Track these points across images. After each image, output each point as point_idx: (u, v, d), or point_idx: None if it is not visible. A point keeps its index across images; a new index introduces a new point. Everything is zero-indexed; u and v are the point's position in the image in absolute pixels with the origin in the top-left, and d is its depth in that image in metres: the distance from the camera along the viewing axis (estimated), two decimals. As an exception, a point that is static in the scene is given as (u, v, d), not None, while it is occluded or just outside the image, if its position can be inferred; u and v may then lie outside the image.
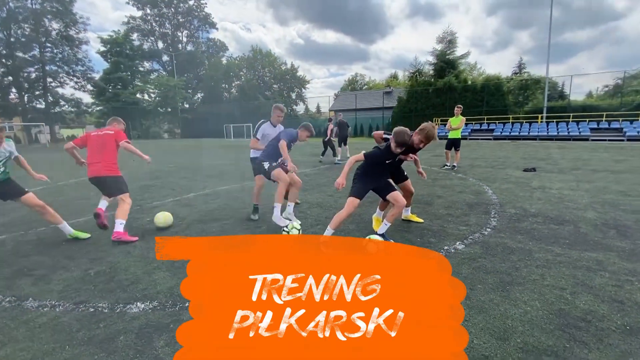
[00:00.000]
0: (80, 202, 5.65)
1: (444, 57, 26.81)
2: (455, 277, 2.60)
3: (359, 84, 65.21)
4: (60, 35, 34.55)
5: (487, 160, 10.13)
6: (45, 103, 35.30)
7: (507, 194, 5.44)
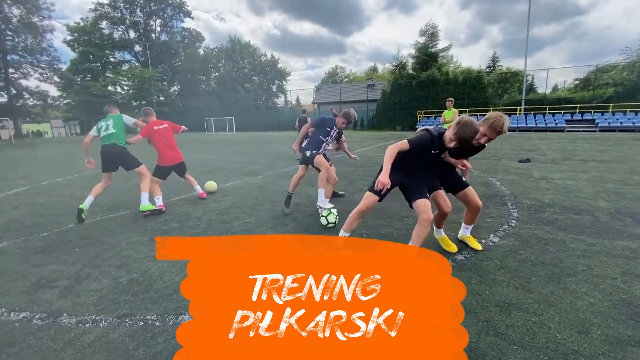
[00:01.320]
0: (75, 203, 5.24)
1: (426, 50, 27.16)
2: (506, 270, 2.63)
3: (339, 76, 65.13)
4: (22, 23, 31.88)
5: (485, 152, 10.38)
6: (8, 96, 32.63)
7: (514, 185, 5.58)
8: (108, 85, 38.67)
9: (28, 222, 4.26)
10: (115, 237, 3.65)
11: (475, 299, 2.21)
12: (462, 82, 25.59)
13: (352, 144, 14.85)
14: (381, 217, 4.05)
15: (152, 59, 42.99)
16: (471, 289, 2.33)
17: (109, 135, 4.32)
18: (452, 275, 2.50)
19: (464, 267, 2.67)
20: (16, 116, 32.82)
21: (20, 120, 36.70)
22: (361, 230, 3.59)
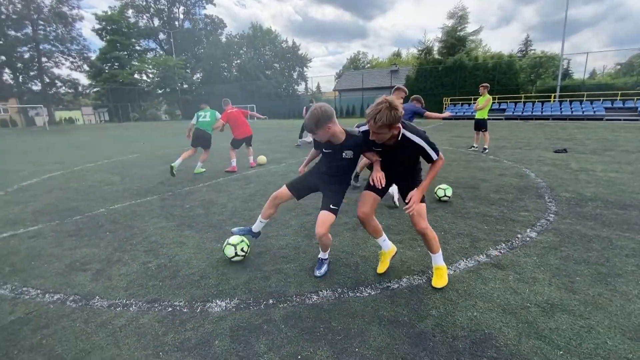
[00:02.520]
0: (106, 188, 5.42)
1: (454, 33, 25.88)
2: (546, 268, 2.46)
3: (361, 62, 63.62)
4: (53, 12, 33.06)
5: (510, 141, 9.88)
6: (42, 84, 34.27)
7: (551, 176, 5.24)
8: (134, 73, 39.69)
9: (62, 206, 4.44)
10: (143, 222, 3.72)
11: (514, 297, 2.07)
12: (492, 67, 24.29)
13: (374, 132, 14.54)
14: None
15: (176, 46, 43.61)
16: (509, 287, 2.19)
17: (205, 122, 6.31)
18: (486, 270, 2.38)
19: (500, 262, 2.52)
20: (49, 104, 34.47)
21: (53, 107, 38.56)
22: (388, 221, 3.48)
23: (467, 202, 4.09)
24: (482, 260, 2.58)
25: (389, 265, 2.51)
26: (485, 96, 7.99)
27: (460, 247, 2.82)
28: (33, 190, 5.48)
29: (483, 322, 1.86)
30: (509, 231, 3.13)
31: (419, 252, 2.75)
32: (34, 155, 10.10)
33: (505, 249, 2.75)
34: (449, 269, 2.45)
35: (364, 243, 2.95)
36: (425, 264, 2.53)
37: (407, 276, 2.38)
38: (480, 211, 3.73)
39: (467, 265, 2.51)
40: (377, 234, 2.43)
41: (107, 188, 5.41)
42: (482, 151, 7.97)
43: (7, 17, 30.75)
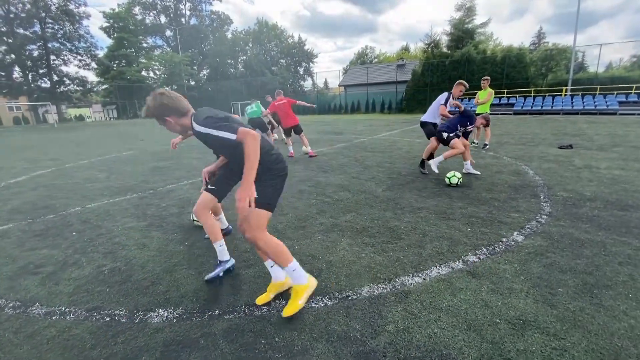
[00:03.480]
0: (89, 185, 5.34)
1: (462, 26, 25.20)
2: (527, 277, 2.23)
3: (368, 57, 62.84)
4: (60, 10, 33.45)
5: (514, 137, 9.49)
6: (50, 82, 34.81)
7: (551, 174, 4.94)
8: (141, 70, 40.00)
9: (39, 204, 4.36)
10: (114, 221, 3.60)
11: (483, 312, 1.85)
12: (501, 60, 23.55)
13: (376, 128, 14.27)
14: (390, 208, 3.69)
15: (183, 43, 43.76)
16: (480, 298, 1.97)
17: (253, 112, 7.95)
18: (459, 279, 2.16)
19: (477, 270, 2.30)
20: (58, 101, 35.03)
21: (66, 104, 39.14)
22: (365, 222, 3.27)
23: (455, 201, 3.84)
24: (457, 267, 2.36)
25: (353, 272, 2.31)
26: (486, 90, 7.65)
27: (436, 251, 2.60)
28: (18, 187, 5.44)
29: (443, 341, 1.65)
30: (494, 234, 2.89)
31: (389, 257, 2.54)
32: (33, 152, 10.17)
33: (485, 255, 2.52)
34: (418, 276, 2.24)
35: (334, 246, 2.76)
36: (394, 271, 2.33)
37: (371, 284, 2.18)
38: (468, 212, 3.48)
39: (440, 272, 2.29)
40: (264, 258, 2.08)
41: (90, 185, 5.33)
42: (483, 147, 7.65)
43: (16, 16, 31.24)
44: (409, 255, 2.55)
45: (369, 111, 30.42)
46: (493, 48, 27.78)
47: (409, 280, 2.20)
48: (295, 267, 1.88)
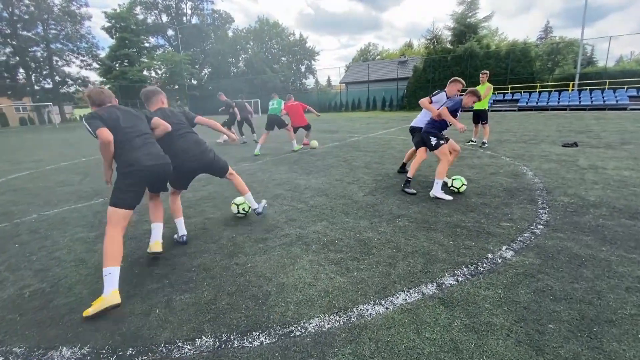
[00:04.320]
0: (59, 189, 5.05)
1: (464, 20, 24.51)
2: (511, 307, 1.84)
3: (371, 54, 62.10)
4: (62, 11, 33.48)
5: (515, 134, 9.01)
6: (53, 82, 34.90)
7: (552, 176, 4.51)
8: (143, 70, 39.88)
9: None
10: (64, 231, 3.29)
11: (450, 358, 1.48)
12: (505, 55, 22.84)
13: (373, 126, 13.84)
14: (367, 216, 3.31)
15: (184, 42, 43.58)
16: (448, 339, 1.59)
17: (273, 109, 7.83)
18: (428, 309, 1.80)
19: (452, 297, 1.92)
20: (61, 101, 35.10)
21: (72, 105, 39.12)
22: (335, 234, 2.91)
23: (441, 207, 3.46)
24: (428, 292, 1.99)
25: (305, 299, 1.96)
26: (485, 84, 7.20)
27: (408, 271, 2.23)
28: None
29: (392, 402, 1.28)
30: (479, 249, 2.51)
31: (352, 279, 2.17)
32: (21, 154, 9.96)
33: (464, 276, 2.15)
34: (380, 305, 1.87)
35: (293, 264, 2.40)
36: (353, 298, 1.96)
37: (322, 315, 1.82)
38: (453, 220, 3.10)
39: (407, 300, 1.92)
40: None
41: (60, 189, 5.04)
42: (481, 145, 7.21)
43: (19, 18, 31.32)
44: (376, 276, 2.18)
45: (370, 108, 29.88)
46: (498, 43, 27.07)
47: (369, 310, 1.84)
48: (108, 273, 1.97)
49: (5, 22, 31.05)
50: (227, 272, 2.32)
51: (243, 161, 6.81)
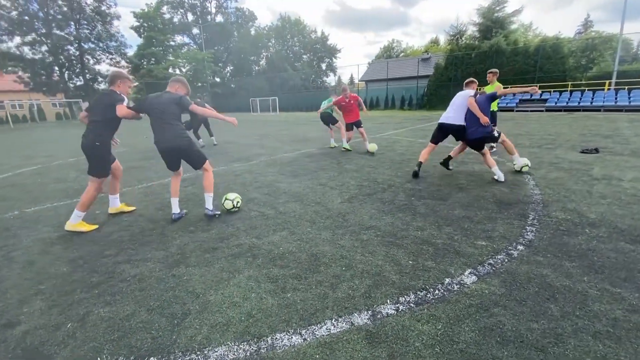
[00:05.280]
0: (52, 186, 5.19)
1: (491, 15, 23.33)
2: (446, 348, 1.58)
3: (395, 51, 60.82)
4: (94, 11, 35.18)
5: (533, 138, 8.37)
6: (84, 80, 36.80)
7: (555, 187, 4.07)
8: (168, 68, 41.16)
9: (-17, 206, 4.21)
10: (32, 231, 3.32)
11: (347, 411, 1.26)
12: (534, 52, 21.51)
13: (385, 126, 13.43)
14: (333, 226, 3.10)
15: (209, 40, 44.56)
16: (355, 385, 1.37)
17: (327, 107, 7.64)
18: (348, 345, 1.58)
19: (381, 331, 1.68)
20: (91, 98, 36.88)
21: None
22: (289, 245, 2.72)
23: (417, 219, 3.18)
24: (358, 322, 1.76)
25: (223, 322, 1.80)
26: (494, 84, 6.71)
27: (347, 295, 2.01)
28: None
29: None
30: (439, 272, 2.24)
31: (284, 300, 1.98)
32: (37, 148, 10.47)
33: (408, 304, 1.90)
34: (299, 335, 1.68)
35: (229, 279, 2.24)
36: (273, 324, 1.77)
37: (231, 343, 1.64)
38: (423, 236, 2.82)
39: (331, 330, 1.71)
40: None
41: (52, 186, 5.18)
42: (489, 149, 6.72)
43: (53, 18, 33.20)
44: (310, 299, 1.98)
45: (388, 107, 29.21)
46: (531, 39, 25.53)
47: (284, 341, 1.65)
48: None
49: (41, 22, 32.97)
50: (159, 285, 2.20)
51: (237, 161, 6.74)
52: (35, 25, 32.67)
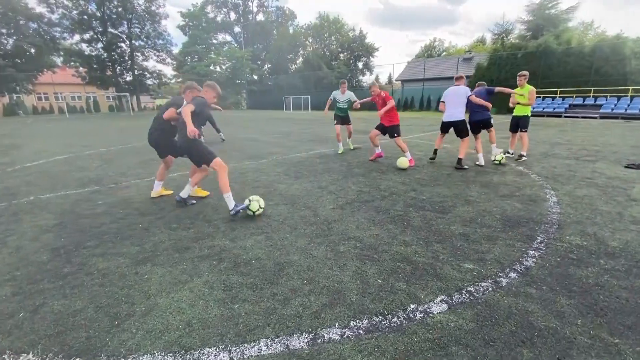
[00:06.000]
0: (72, 174, 5.55)
1: (542, 12, 21.51)
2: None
3: (436, 50, 58.49)
4: (145, 11, 37.70)
5: (572, 148, 7.55)
6: (133, 75, 39.56)
7: (580, 206, 3.59)
8: (210, 65, 42.98)
9: (10, 191, 4.58)
10: (35, 216, 3.53)
11: None
12: (590, 52, 19.49)
13: (413, 128, 12.90)
14: (313, 234, 2.95)
15: (249, 39, 45.83)
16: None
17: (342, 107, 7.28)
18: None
19: (316, 359, 1.53)
20: (138, 92, 39.82)
21: (152, 95, 44.07)
22: (258, 251, 2.62)
23: (404, 233, 2.93)
24: (295, 346, 1.61)
25: (157, 328, 1.74)
26: (524, 87, 6.12)
27: (296, 313, 1.86)
28: (22, 171, 5.92)
29: None
30: (406, 296, 2.02)
31: (227, 312, 1.88)
32: (79, 137, 11.34)
33: (357, 331, 1.71)
34: (227, 352, 1.57)
35: (187, 282, 2.18)
36: (204, 338, 1.68)
37: (156, 353, 1.57)
38: (406, 252, 2.59)
39: (261, 351, 1.58)
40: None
41: (74, 174, 5.53)
42: (517, 158, 6.16)
43: (108, 17, 36.06)
44: (256, 313, 1.87)
45: (424, 108, 28.12)
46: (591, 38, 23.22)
47: (209, 357, 1.55)
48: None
49: (98, 21, 35.90)
50: (119, 282, 2.21)
51: (249, 159, 6.78)
52: (93, 24, 35.71)
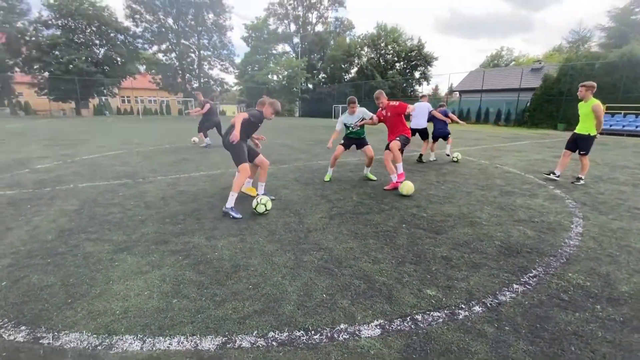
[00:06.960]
0: (115, 167, 6.25)
1: (627, 17, 18.80)
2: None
3: (504, 59, 54.49)
4: (213, 24, 41.45)
5: (637, 174, 6.42)
6: (199, 82, 43.49)
7: (607, 240, 3.05)
8: (268, 74, 45.46)
9: (61, 179, 5.31)
10: (65, 201, 4.05)
11: None
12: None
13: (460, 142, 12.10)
14: (287, 242, 2.95)
15: (306, 48, 47.45)
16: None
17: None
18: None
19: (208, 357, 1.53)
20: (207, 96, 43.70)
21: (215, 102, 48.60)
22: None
23: (381, 250, 2.78)
24: (203, 347, 1.63)
25: (100, 311, 1.89)
26: (589, 101, 5.36)
27: (222, 315, 1.88)
28: (78, 162, 6.83)
29: None
30: (344, 314, 1.92)
31: (166, 305, 1.97)
32: (140, 137, 12.71)
33: (272, 342, 1.68)
34: (140, 341, 1.65)
35: (146, 273, 2.34)
36: (132, 325, 1.78)
37: (84, 332, 1.71)
38: (370, 269, 2.45)
39: (171, 347, 1.63)
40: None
41: (115, 168, 6.21)
42: (575, 181, 5.41)
43: (182, 30, 40.35)
44: (186, 310, 1.93)
45: (481, 121, 26.24)
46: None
47: (125, 344, 1.65)
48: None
49: (173, 33, 40.30)
50: (93, 265, 2.45)
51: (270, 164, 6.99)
52: (169, 35, 40.22)
